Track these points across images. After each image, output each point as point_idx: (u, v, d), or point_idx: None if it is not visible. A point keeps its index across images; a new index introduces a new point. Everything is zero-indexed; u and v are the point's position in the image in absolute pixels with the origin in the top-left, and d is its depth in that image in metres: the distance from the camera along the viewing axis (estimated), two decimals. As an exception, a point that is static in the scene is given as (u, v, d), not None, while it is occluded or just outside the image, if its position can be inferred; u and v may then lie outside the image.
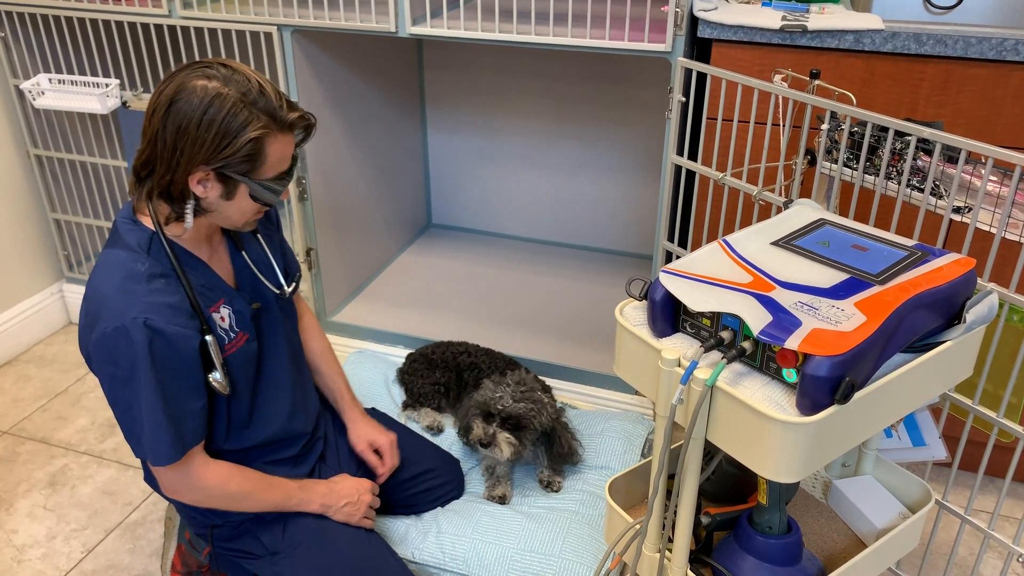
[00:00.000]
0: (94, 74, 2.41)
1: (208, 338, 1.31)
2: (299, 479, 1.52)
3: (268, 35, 2.06)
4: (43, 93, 2.33)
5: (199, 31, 2.12)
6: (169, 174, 1.24)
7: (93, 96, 2.26)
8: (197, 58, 1.51)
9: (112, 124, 2.62)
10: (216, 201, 1.29)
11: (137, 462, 2.14)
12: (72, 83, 2.31)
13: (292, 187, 2.16)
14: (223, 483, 1.38)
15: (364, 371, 2.13)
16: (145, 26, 2.23)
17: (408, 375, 2.04)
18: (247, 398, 1.43)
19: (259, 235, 1.48)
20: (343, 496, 1.50)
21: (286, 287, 1.49)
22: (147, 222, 1.31)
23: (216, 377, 1.33)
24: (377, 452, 1.65)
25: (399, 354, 2.24)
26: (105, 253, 1.31)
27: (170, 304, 1.27)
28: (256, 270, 1.45)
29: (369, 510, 1.54)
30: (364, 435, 1.64)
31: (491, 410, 1.71)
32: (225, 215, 1.32)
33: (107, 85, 2.27)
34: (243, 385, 1.41)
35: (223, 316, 1.37)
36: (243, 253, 1.45)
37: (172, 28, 2.16)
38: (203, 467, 1.36)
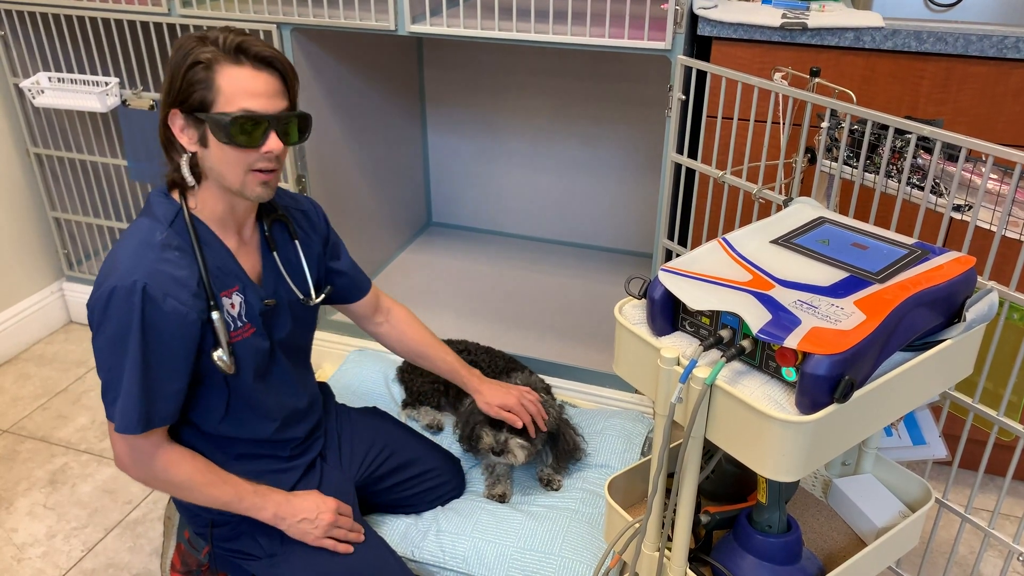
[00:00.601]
0: (94, 72, 2.41)
1: (215, 315, 1.33)
2: (288, 476, 1.52)
3: (268, 33, 2.05)
4: (43, 91, 2.33)
5: (198, 30, 2.12)
6: (161, 125, 1.32)
7: (93, 94, 2.26)
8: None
9: (112, 123, 2.62)
10: (203, 153, 1.30)
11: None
12: (72, 81, 2.31)
13: (291, 185, 2.16)
14: (171, 468, 1.37)
15: (364, 370, 2.13)
16: (145, 24, 2.23)
17: (408, 374, 2.04)
18: (246, 391, 1.43)
19: (297, 240, 1.50)
20: (300, 511, 1.45)
21: (313, 296, 1.51)
22: (178, 196, 1.36)
23: (221, 356, 1.34)
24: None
25: (399, 353, 2.24)
26: (133, 222, 1.35)
27: (176, 277, 1.29)
28: (284, 271, 1.47)
29: (336, 530, 1.47)
30: (493, 401, 1.67)
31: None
32: (218, 172, 1.31)
33: (107, 83, 2.27)
34: (243, 375, 1.41)
35: (234, 303, 1.38)
36: (274, 253, 1.46)
37: (172, 26, 2.17)
38: (158, 448, 1.36)
